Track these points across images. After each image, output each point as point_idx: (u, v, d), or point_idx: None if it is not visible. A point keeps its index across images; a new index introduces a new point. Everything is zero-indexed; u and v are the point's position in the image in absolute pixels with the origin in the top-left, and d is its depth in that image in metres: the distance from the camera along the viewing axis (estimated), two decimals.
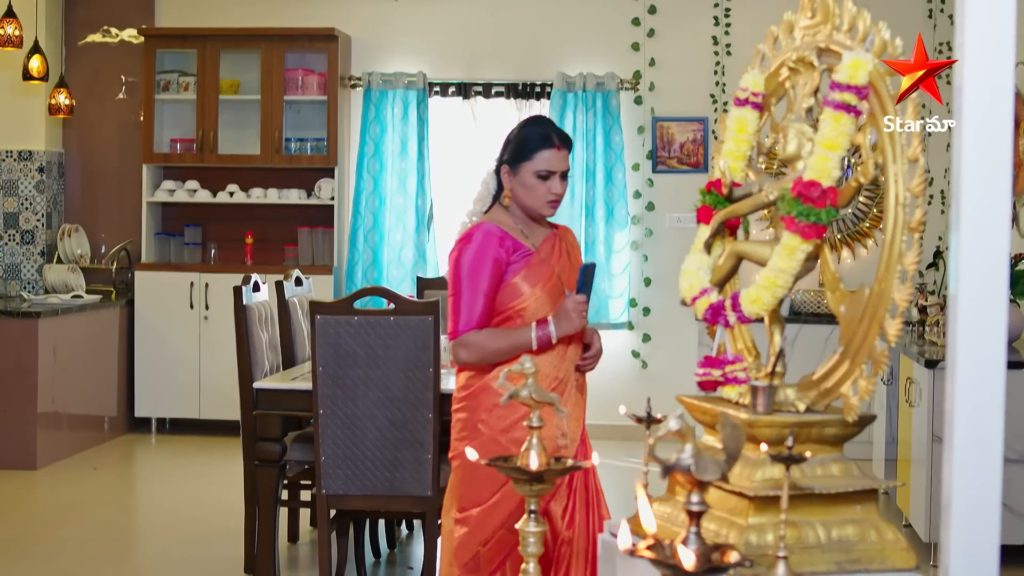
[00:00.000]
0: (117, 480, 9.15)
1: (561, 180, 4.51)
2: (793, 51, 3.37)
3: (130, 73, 10.82)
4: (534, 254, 4.48)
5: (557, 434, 4.46)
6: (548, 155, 4.48)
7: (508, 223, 4.52)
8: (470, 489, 4.46)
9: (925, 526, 6.80)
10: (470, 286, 4.43)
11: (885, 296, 3.00)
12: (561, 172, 4.51)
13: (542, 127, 4.54)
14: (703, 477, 2.60)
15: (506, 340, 4.43)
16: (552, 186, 4.48)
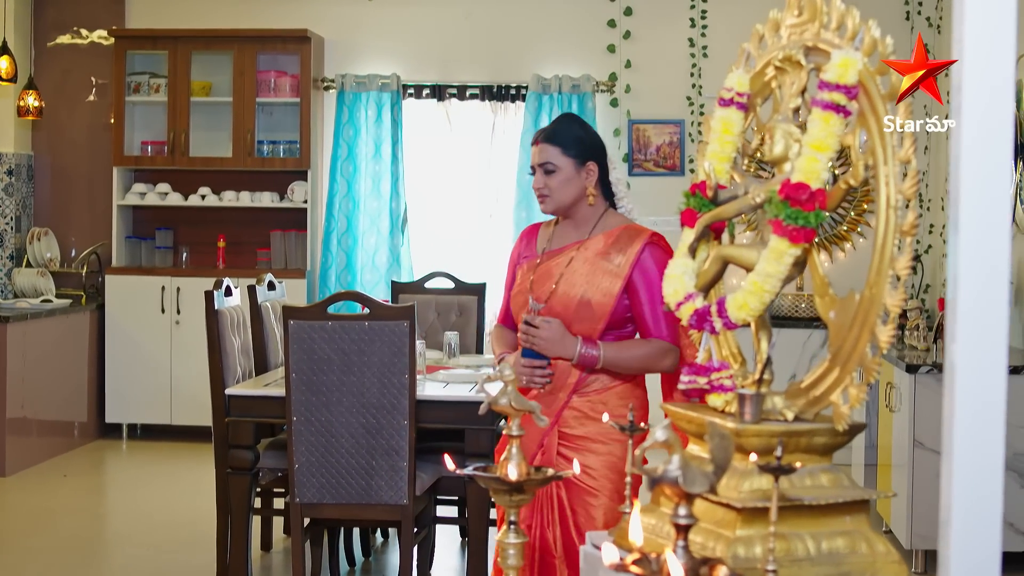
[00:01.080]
0: (88, 487, 9.04)
1: (545, 175, 4.38)
2: (779, 50, 3.29)
3: (100, 75, 10.71)
4: (532, 258, 4.46)
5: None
6: (532, 151, 4.44)
7: (548, 225, 4.56)
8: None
9: (907, 533, 6.74)
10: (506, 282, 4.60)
11: (876, 302, 2.92)
12: (539, 165, 4.39)
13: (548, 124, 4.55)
14: (691, 489, 2.53)
15: (496, 346, 4.60)
16: (535, 180, 4.41)
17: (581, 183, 4.40)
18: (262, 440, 6.35)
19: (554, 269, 4.39)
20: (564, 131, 4.43)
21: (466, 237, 10.47)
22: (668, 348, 4.35)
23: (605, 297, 4.31)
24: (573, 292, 4.33)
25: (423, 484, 5.87)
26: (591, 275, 4.34)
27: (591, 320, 4.32)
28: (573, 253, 4.39)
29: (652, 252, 4.38)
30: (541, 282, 4.38)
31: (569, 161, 4.38)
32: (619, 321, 4.36)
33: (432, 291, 8.06)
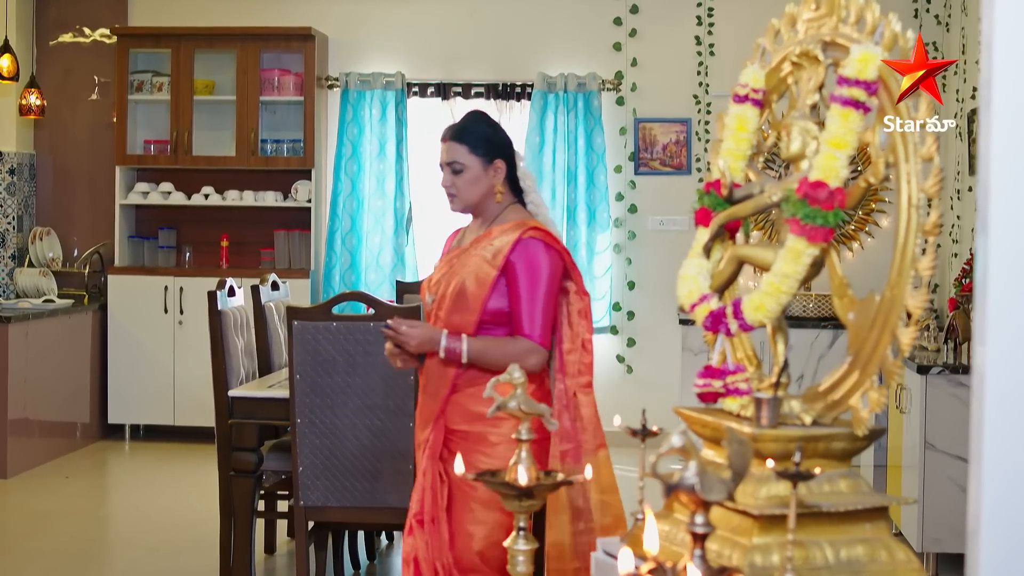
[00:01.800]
0: (89, 489, 8.97)
1: (452, 174, 4.37)
2: (796, 45, 3.21)
3: (103, 73, 10.65)
4: (443, 255, 4.52)
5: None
6: (440, 148, 4.41)
7: (469, 224, 4.56)
8: None
9: (918, 536, 6.66)
10: None
11: (897, 303, 2.85)
12: (446, 164, 4.37)
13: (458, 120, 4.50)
14: (709, 497, 2.46)
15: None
16: (443, 178, 4.40)
17: (489, 181, 4.36)
18: (266, 442, 6.28)
19: (450, 265, 4.39)
20: (471, 129, 4.38)
21: None
22: (533, 348, 4.28)
23: (479, 287, 4.26)
24: (455, 282, 4.31)
25: None
26: (471, 271, 4.31)
27: (467, 311, 4.27)
28: (458, 251, 4.43)
29: (531, 245, 4.29)
30: (439, 279, 4.39)
31: (476, 160, 4.34)
32: (497, 316, 4.30)
33: None
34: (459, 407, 4.34)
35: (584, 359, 4.50)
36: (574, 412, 4.45)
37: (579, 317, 4.44)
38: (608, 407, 10.39)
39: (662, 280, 10.25)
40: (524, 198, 4.46)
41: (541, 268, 4.29)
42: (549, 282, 4.28)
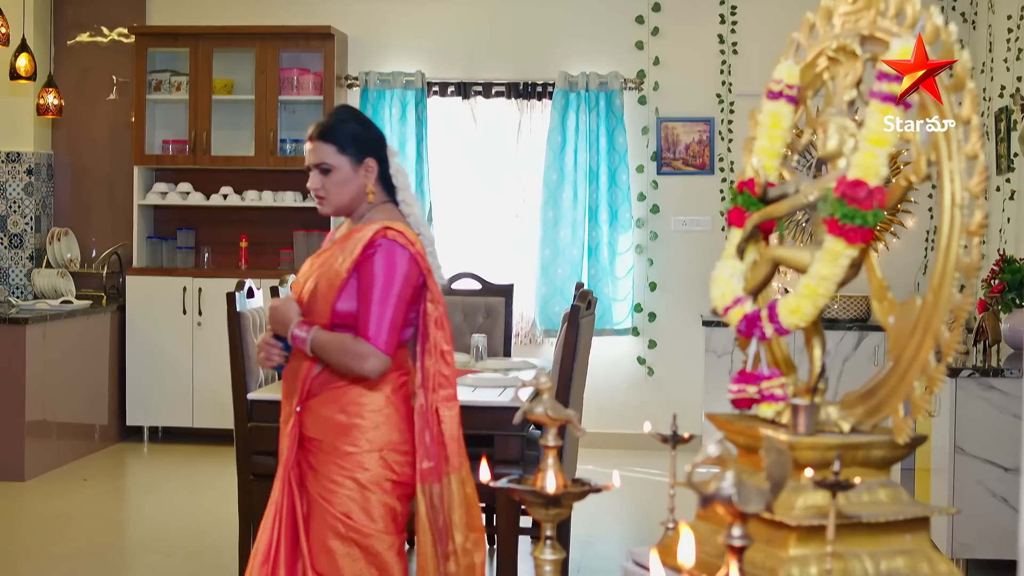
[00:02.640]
0: (108, 492, 8.90)
1: (321, 175, 4.15)
2: (832, 39, 3.11)
3: (121, 73, 10.60)
4: (309, 257, 4.35)
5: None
6: (306, 148, 4.19)
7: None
8: None
9: (947, 541, 6.56)
10: None
11: (940, 306, 2.75)
12: (315, 165, 4.14)
13: (323, 118, 4.28)
14: (747, 508, 2.37)
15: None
16: (311, 180, 4.18)
17: (360, 182, 4.16)
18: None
19: (310, 266, 4.25)
20: (339, 127, 4.15)
21: (492, 237, 10.32)
22: (372, 353, 4.02)
23: (329, 289, 4.07)
24: (309, 284, 4.15)
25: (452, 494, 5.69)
26: (324, 272, 4.14)
27: (317, 314, 4.08)
28: (323, 253, 4.25)
29: (385, 247, 4.07)
30: (301, 280, 4.24)
31: (345, 160, 4.13)
32: (348, 319, 4.07)
33: (459, 292, 7.89)
34: (313, 414, 4.13)
35: (443, 371, 4.17)
36: (436, 428, 4.14)
37: (435, 327, 4.18)
38: (629, 410, 10.46)
39: (684, 281, 10.16)
40: (396, 196, 4.25)
41: (393, 271, 4.07)
42: (401, 286, 4.06)
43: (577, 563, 6.92)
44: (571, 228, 10.09)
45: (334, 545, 4.06)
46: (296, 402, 4.12)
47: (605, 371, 9.79)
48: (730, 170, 10.08)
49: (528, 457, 6.12)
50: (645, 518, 7.90)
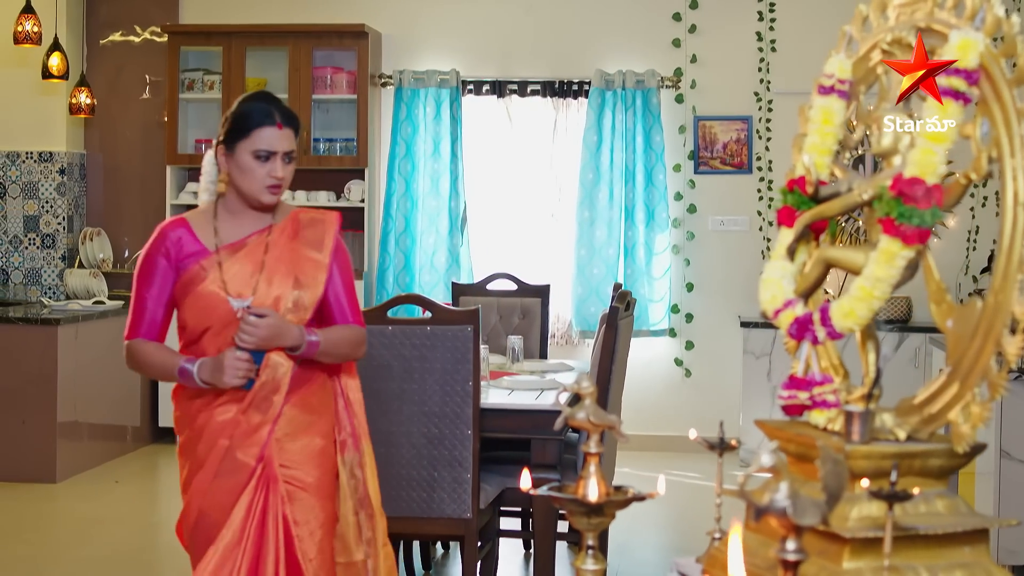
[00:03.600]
0: (140, 494, 8.84)
1: (285, 163, 3.97)
2: (887, 32, 3.00)
3: (154, 72, 10.55)
4: (208, 255, 3.99)
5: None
6: (268, 133, 3.94)
7: (203, 217, 4.05)
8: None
9: (992, 547, 6.42)
10: (138, 291, 4.02)
11: (1002, 309, 2.64)
12: (284, 153, 3.96)
13: (263, 102, 4.01)
14: (802, 521, 2.27)
15: (158, 359, 4.05)
16: (272, 168, 3.94)
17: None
18: None
19: (249, 262, 4.01)
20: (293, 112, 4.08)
21: (527, 237, 10.23)
22: (362, 333, 4.19)
23: (316, 287, 4.02)
24: (283, 283, 4.00)
25: (487, 497, 5.61)
26: (296, 264, 4.03)
27: (300, 312, 4.00)
28: (264, 241, 4.04)
29: (340, 236, 4.17)
30: (239, 278, 3.98)
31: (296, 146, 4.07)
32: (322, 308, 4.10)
33: (494, 293, 7.80)
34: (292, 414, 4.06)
35: None
36: (345, 398, 4.22)
37: None
38: (666, 412, 10.35)
39: (722, 282, 10.06)
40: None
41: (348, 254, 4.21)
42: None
43: (615, 568, 6.82)
44: (607, 228, 9.99)
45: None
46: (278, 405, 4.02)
47: (641, 373, 9.67)
48: (768, 169, 9.96)
49: (565, 461, 6.03)
50: (684, 523, 7.79)
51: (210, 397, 3.99)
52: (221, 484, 3.97)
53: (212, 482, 3.98)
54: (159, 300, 4.00)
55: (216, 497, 3.98)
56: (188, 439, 4.09)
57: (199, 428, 4.02)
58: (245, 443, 3.97)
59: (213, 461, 3.98)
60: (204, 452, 4.01)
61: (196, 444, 4.04)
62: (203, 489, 4.01)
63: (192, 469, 4.07)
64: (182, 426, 4.12)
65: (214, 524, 3.97)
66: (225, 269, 3.98)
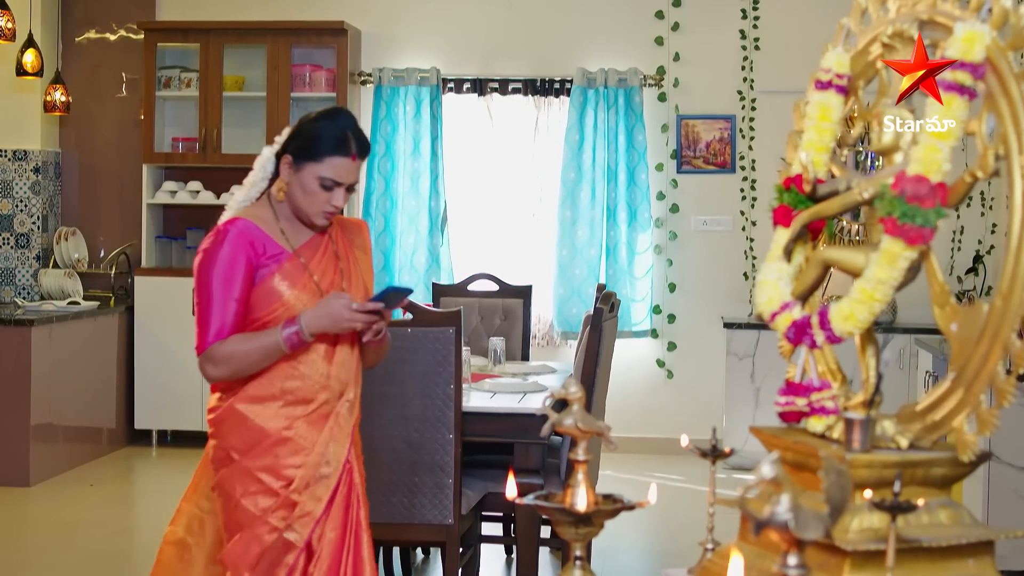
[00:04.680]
0: (115, 498, 8.70)
1: (346, 192, 3.88)
2: (887, 24, 2.90)
3: (130, 69, 10.42)
4: (291, 256, 3.87)
5: (320, 462, 3.84)
6: (339, 163, 3.84)
7: (267, 218, 3.92)
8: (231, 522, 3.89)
9: None
10: (222, 293, 3.79)
11: (1011, 313, 2.54)
12: (348, 184, 3.89)
13: (340, 127, 3.88)
14: (804, 535, 2.17)
15: (254, 342, 3.77)
16: (334, 198, 3.86)
17: None
18: None
19: (326, 263, 3.94)
20: (367, 140, 3.98)
21: (508, 237, 10.12)
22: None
23: (368, 288, 4.04)
24: (357, 286, 3.98)
25: (469, 502, 5.50)
26: (359, 266, 4.05)
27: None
28: (330, 245, 3.99)
29: None
30: (326, 280, 3.92)
31: None
32: None
33: (475, 294, 7.69)
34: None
35: None
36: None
37: None
38: (648, 414, 10.25)
39: (704, 282, 9.97)
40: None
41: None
42: None
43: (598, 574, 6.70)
44: (589, 228, 9.89)
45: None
46: (354, 393, 3.97)
47: (623, 374, 9.56)
48: (751, 169, 9.88)
49: (549, 465, 5.93)
50: (668, 527, 7.69)
51: (292, 404, 3.86)
52: (314, 492, 3.85)
53: (304, 491, 3.84)
54: (242, 300, 3.81)
55: (306, 507, 3.84)
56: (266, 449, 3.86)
57: (283, 437, 3.84)
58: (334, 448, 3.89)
59: (308, 469, 3.85)
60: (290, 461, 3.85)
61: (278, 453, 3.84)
62: (292, 502, 3.84)
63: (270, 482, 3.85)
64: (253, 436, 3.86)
65: (298, 536, 3.81)
66: (313, 270, 3.90)
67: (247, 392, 3.83)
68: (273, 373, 3.83)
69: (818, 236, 3.03)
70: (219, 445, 3.89)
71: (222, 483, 3.88)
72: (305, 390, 3.85)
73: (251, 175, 4.05)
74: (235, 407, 3.84)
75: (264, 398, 3.83)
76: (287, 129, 3.97)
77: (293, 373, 3.84)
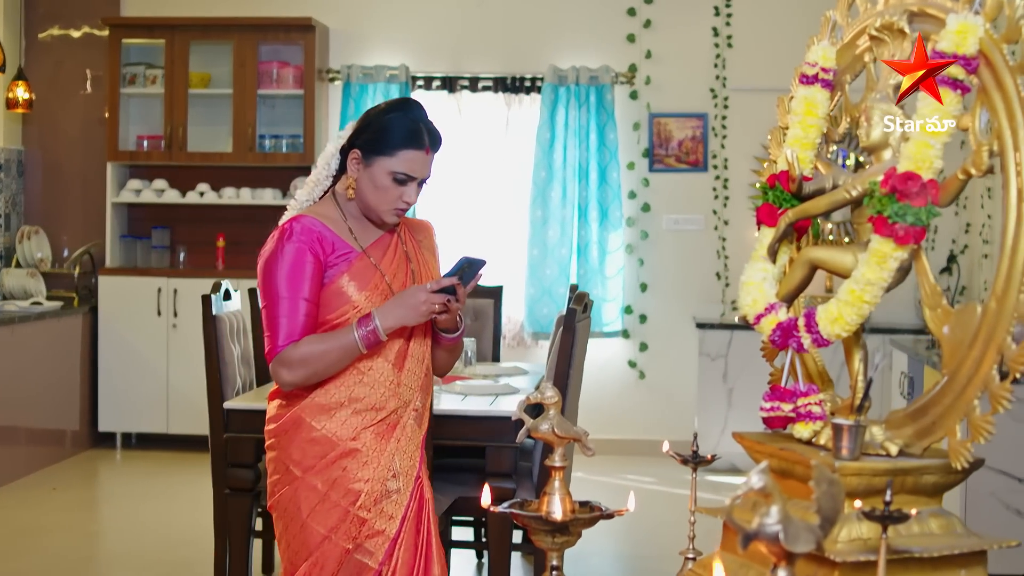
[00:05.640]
0: (78, 502, 8.55)
1: (418, 187, 3.67)
2: (876, 16, 2.81)
3: (95, 66, 10.26)
4: (360, 255, 3.68)
5: (387, 475, 3.65)
6: (412, 157, 3.63)
7: (333, 217, 3.73)
8: (296, 544, 3.70)
9: None
10: (290, 292, 3.59)
11: (1005, 315, 2.46)
12: (421, 179, 3.68)
13: (413, 119, 3.67)
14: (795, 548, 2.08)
15: (332, 342, 3.57)
16: (406, 194, 3.65)
17: None
18: (264, 456, 5.86)
19: (397, 264, 3.74)
20: (439, 132, 3.77)
21: (478, 236, 10.01)
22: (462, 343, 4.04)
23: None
24: (422, 281, 3.77)
25: (440, 507, 5.39)
26: (428, 269, 3.84)
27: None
28: (398, 245, 3.79)
29: None
30: (398, 280, 3.73)
31: None
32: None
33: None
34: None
35: None
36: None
37: None
38: (620, 415, 10.16)
39: (676, 282, 9.88)
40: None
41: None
42: None
43: None
44: (560, 227, 9.80)
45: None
46: (422, 403, 3.79)
47: (595, 374, 9.45)
48: (724, 167, 9.79)
49: (521, 469, 5.82)
50: (639, 529, 7.59)
51: (358, 414, 3.66)
52: (384, 510, 3.66)
53: (373, 508, 3.66)
54: (313, 300, 3.62)
55: (377, 525, 3.65)
56: (332, 462, 3.67)
57: (351, 449, 3.65)
58: (404, 463, 3.70)
59: (375, 484, 3.66)
60: (359, 475, 3.65)
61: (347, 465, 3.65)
62: (361, 519, 3.64)
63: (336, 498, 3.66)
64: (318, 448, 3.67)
65: (370, 555, 3.63)
66: (384, 269, 3.71)
67: (314, 400, 3.64)
68: (340, 379, 3.63)
69: (803, 236, 2.95)
70: (279, 458, 3.69)
71: (284, 503, 3.67)
72: (374, 397, 3.65)
73: (314, 173, 3.81)
74: (300, 416, 3.65)
75: (331, 407, 3.63)
76: (351, 123, 3.74)
77: (361, 380, 3.64)
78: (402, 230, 3.83)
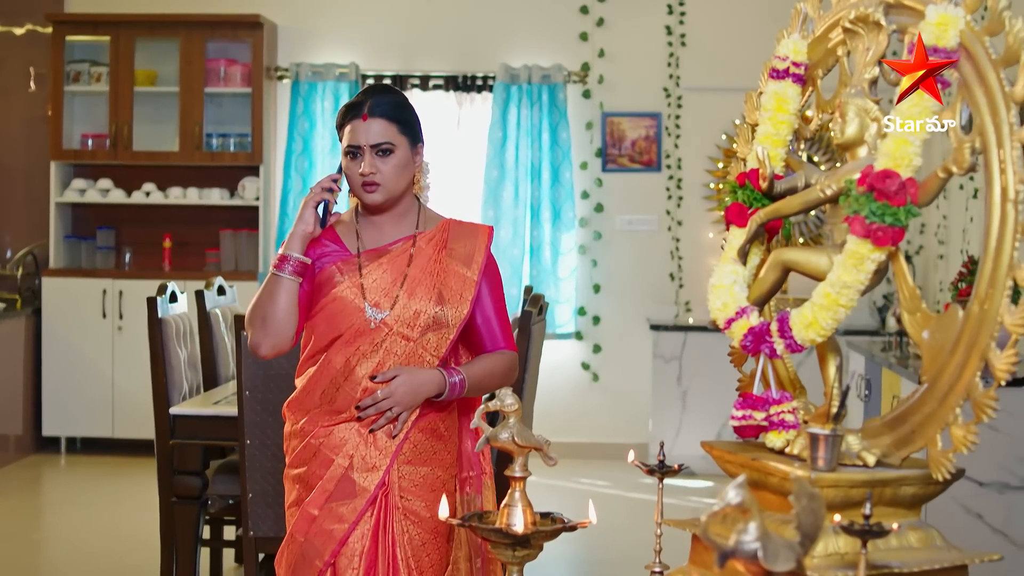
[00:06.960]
0: (21, 508, 8.37)
1: (376, 156, 3.54)
2: (849, 8, 2.71)
3: (38, 64, 10.07)
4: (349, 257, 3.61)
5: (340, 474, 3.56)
6: (353, 127, 3.54)
7: (346, 220, 3.68)
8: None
9: None
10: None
11: (989, 319, 2.35)
12: (372, 146, 3.53)
13: (363, 95, 3.61)
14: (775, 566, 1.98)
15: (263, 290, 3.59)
16: (360, 166, 3.54)
17: (412, 169, 3.64)
18: (211, 463, 5.72)
19: (391, 272, 3.61)
20: (399, 103, 3.62)
21: None
22: (515, 358, 3.74)
23: (461, 305, 3.59)
24: (425, 298, 3.57)
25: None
26: (442, 278, 3.61)
27: (445, 327, 3.58)
28: (408, 250, 3.63)
29: (491, 251, 3.72)
30: (378, 287, 3.58)
31: (405, 140, 3.58)
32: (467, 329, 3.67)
33: None
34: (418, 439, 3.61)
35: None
36: (476, 431, 3.58)
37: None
38: (573, 418, 10.04)
39: (630, 283, 9.79)
40: (419, 193, 3.75)
41: (499, 272, 3.76)
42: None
43: None
44: (512, 227, 9.69)
45: None
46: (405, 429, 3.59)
47: (547, 377, 9.31)
48: (677, 167, 9.71)
49: None
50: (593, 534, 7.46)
51: (329, 414, 3.56)
52: (334, 510, 3.53)
53: (324, 506, 3.53)
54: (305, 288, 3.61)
55: (325, 524, 3.53)
56: (299, 457, 3.61)
57: (313, 446, 3.57)
58: (366, 466, 3.54)
59: (327, 483, 3.54)
60: (316, 472, 3.56)
61: (308, 462, 3.58)
62: (310, 515, 3.55)
63: (301, 492, 3.61)
64: (294, 442, 3.64)
65: (317, 553, 3.52)
66: (365, 275, 3.58)
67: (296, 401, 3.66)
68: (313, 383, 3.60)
69: (773, 236, 2.84)
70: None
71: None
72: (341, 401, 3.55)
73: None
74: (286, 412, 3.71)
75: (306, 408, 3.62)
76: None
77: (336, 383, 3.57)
78: (433, 237, 3.66)
